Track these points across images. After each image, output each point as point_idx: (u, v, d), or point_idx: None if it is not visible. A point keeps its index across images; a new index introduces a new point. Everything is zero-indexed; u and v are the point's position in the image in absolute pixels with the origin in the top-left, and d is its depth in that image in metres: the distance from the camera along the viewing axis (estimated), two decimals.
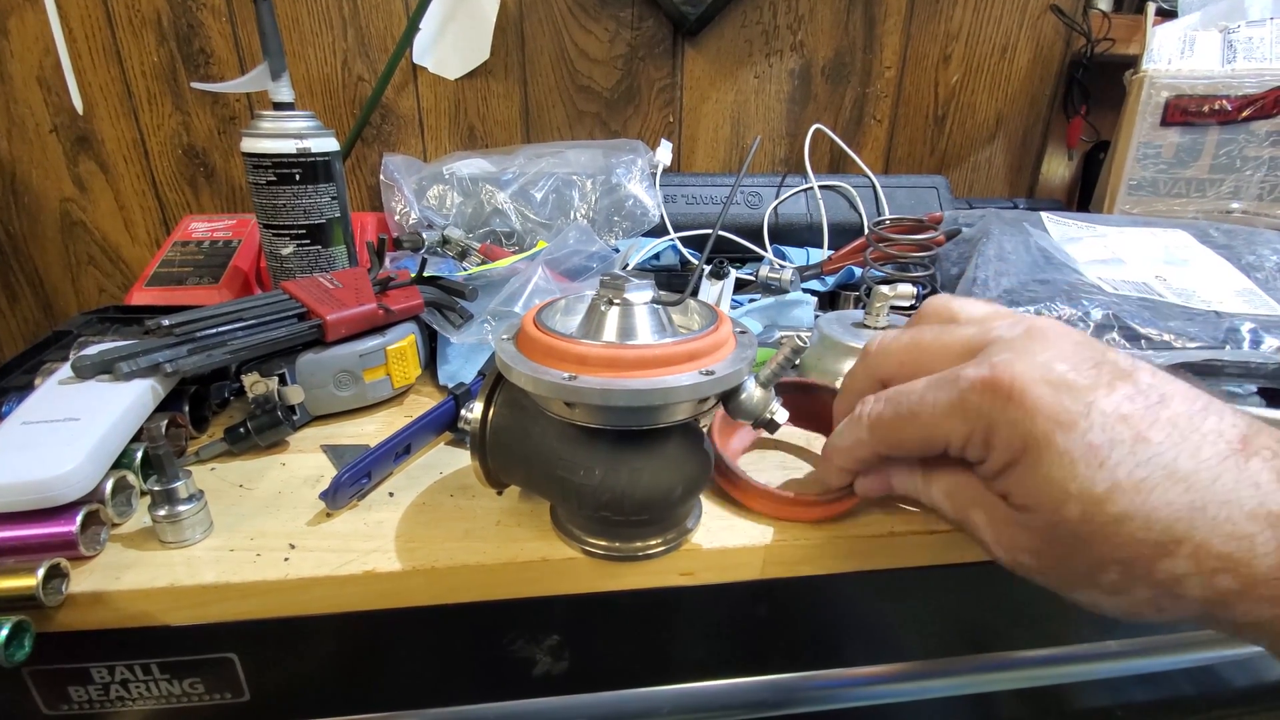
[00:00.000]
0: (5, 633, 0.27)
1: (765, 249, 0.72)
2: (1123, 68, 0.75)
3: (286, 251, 0.52)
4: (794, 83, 0.83)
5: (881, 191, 0.77)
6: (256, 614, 0.32)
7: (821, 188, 0.77)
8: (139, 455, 0.36)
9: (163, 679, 0.34)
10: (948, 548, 0.36)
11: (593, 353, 0.28)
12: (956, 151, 0.89)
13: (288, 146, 0.49)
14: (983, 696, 0.45)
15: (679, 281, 0.65)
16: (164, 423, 0.37)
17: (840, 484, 0.33)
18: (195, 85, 0.61)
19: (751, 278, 0.63)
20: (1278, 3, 0.69)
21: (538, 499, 0.37)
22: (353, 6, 0.73)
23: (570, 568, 0.33)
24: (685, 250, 0.71)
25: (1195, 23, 0.70)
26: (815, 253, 0.72)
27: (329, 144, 0.51)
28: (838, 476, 0.33)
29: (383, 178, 0.72)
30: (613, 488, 0.29)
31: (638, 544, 0.33)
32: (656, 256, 0.70)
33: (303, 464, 0.40)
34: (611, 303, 0.30)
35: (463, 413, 0.38)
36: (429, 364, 0.52)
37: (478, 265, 0.63)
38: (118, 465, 0.34)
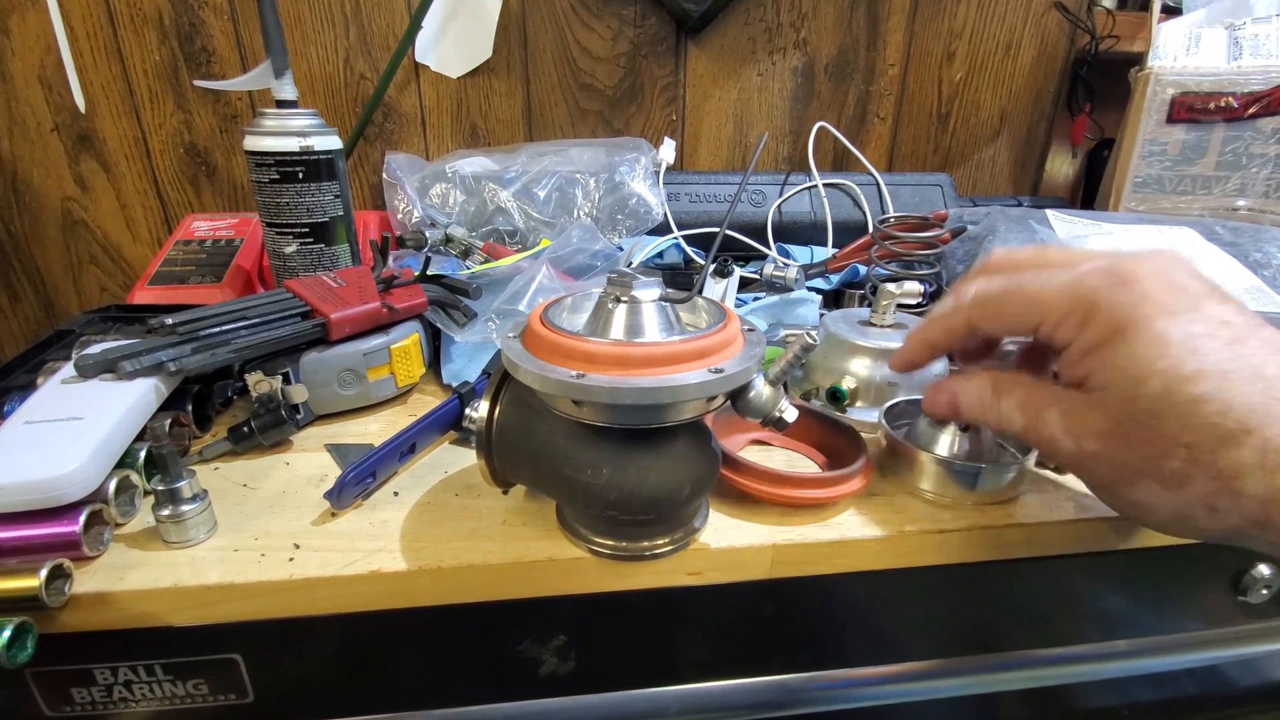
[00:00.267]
0: (7, 634, 0.27)
1: (769, 247, 0.72)
2: (1127, 65, 0.74)
3: (290, 250, 0.52)
4: (797, 80, 0.82)
5: (885, 189, 0.77)
6: (261, 614, 0.31)
7: (825, 186, 0.76)
8: (142, 455, 0.36)
9: (166, 680, 0.33)
10: (954, 547, 0.36)
11: (601, 350, 0.27)
12: (960, 149, 0.89)
13: (291, 144, 0.49)
14: (988, 697, 0.45)
15: (683, 280, 0.65)
16: (167, 422, 0.37)
17: (919, 359, 0.34)
18: (198, 83, 0.61)
19: (756, 276, 0.63)
20: None
21: (544, 498, 0.37)
22: (355, 5, 0.72)
23: (577, 567, 0.33)
24: (689, 248, 0.71)
25: (1201, 19, 0.70)
26: (819, 251, 0.72)
27: (332, 142, 0.51)
28: (920, 349, 0.34)
29: (385, 176, 0.72)
30: (620, 486, 0.29)
31: (645, 543, 0.32)
32: (660, 255, 0.70)
33: (307, 463, 0.40)
34: (619, 300, 0.30)
35: (468, 411, 0.38)
36: (433, 363, 0.52)
37: (481, 264, 0.63)
38: (121, 465, 0.34)
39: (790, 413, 0.30)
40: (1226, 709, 0.51)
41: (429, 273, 0.51)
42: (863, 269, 0.63)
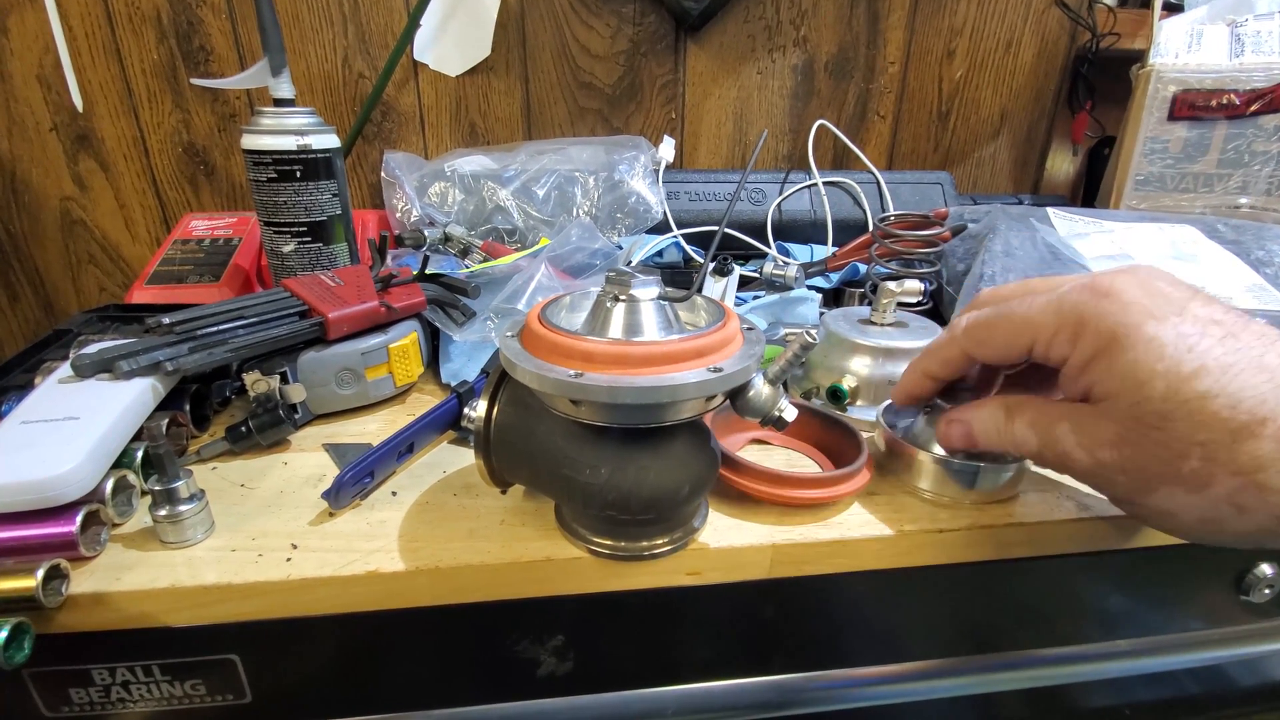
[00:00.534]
0: (4, 635, 0.27)
1: (769, 246, 0.72)
2: (1128, 62, 0.74)
3: (288, 249, 0.52)
4: (797, 78, 0.82)
5: (886, 188, 0.77)
6: (258, 615, 0.31)
7: (825, 184, 0.76)
8: (140, 454, 0.36)
9: (164, 680, 0.33)
10: (954, 547, 0.36)
11: (599, 349, 0.27)
12: (961, 147, 0.88)
13: (288, 143, 0.49)
14: (988, 697, 0.45)
15: (682, 278, 0.65)
16: (165, 422, 0.37)
17: (920, 391, 0.35)
18: (195, 81, 0.61)
19: (755, 275, 0.63)
20: None
21: (542, 498, 0.37)
22: (353, 3, 0.72)
23: (575, 567, 0.33)
24: (688, 247, 0.70)
25: (1202, 16, 0.70)
26: (819, 249, 0.72)
27: (330, 140, 0.51)
28: (920, 380, 0.34)
29: (384, 175, 0.72)
30: (619, 486, 0.29)
31: (644, 543, 0.32)
32: (659, 253, 0.70)
33: (305, 463, 0.40)
34: (618, 299, 0.30)
35: (466, 411, 0.38)
36: (431, 362, 0.52)
37: (480, 263, 0.63)
38: (118, 465, 0.34)
39: (790, 412, 0.30)
40: (1228, 709, 0.51)
41: (427, 272, 0.51)
42: (863, 267, 0.63)
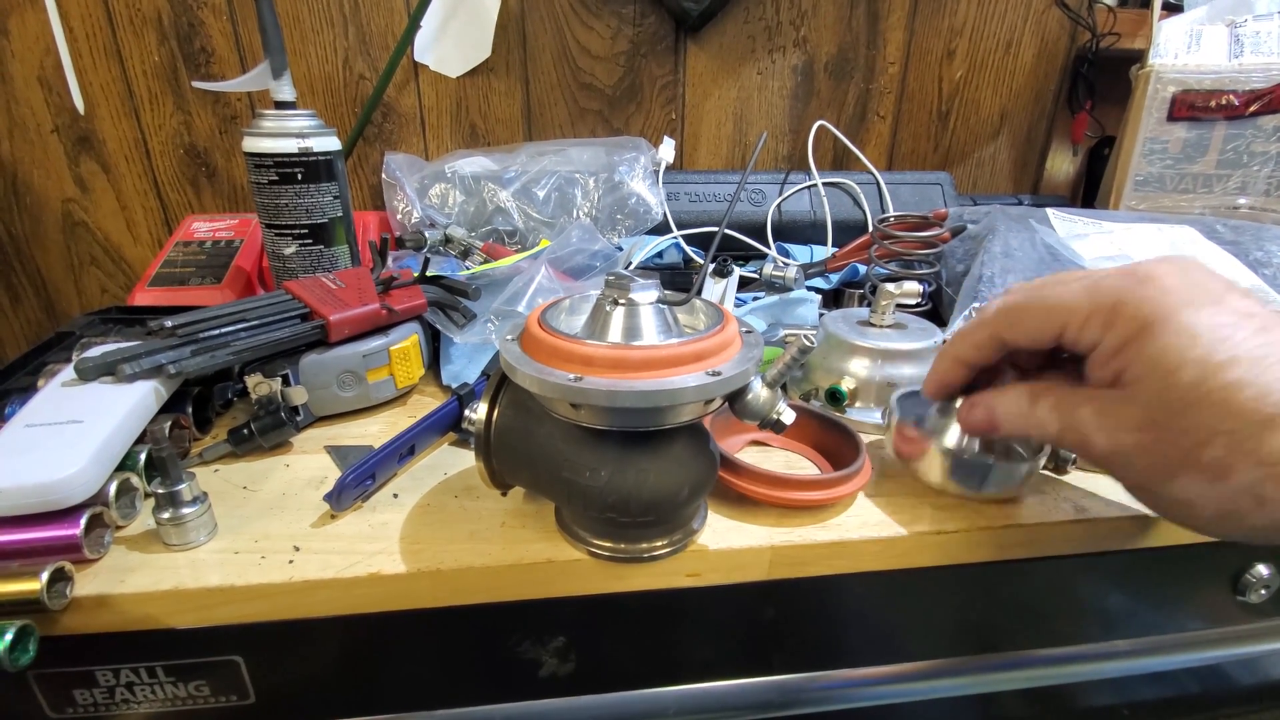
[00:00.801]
0: (9, 637, 0.27)
1: (769, 246, 0.72)
2: (1128, 63, 0.74)
3: (289, 251, 0.52)
4: (797, 79, 0.82)
5: (885, 188, 0.77)
6: (261, 617, 0.32)
7: (825, 185, 0.76)
8: (143, 457, 0.36)
9: (168, 681, 0.34)
10: (953, 548, 0.36)
11: (598, 354, 0.27)
12: (961, 148, 0.88)
13: (289, 146, 0.49)
14: (989, 696, 0.45)
15: (682, 279, 0.65)
16: (168, 424, 0.37)
17: (953, 379, 0.34)
18: (196, 84, 0.61)
19: (755, 275, 0.63)
20: None
21: (543, 500, 0.37)
22: (353, 4, 0.72)
23: (576, 569, 0.33)
24: (689, 248, 0.71)
25: (1202, 17, 0.70)
26: (819, 250, 0.72)
27: (331, 143, 0.51)
28: (951, 367, 0.34)
29: (385, 176, 0.72)
30: (619, 489, 0.29)
31: (644, 545, 0.32)
32: (660, 254, 0.70)
33: (307, 465, 0.40)
34: (617, 303, 0.30)
35: (467, 413, 0.38)
36: (432, 364, 0.52)
37: (480, 264, 0.63)
38: (121, 467, 0.34)
39: (788, 415, 0.31)
40: (1228, 707, 0.51)
41: (428, 274, 0.51)
42: (862, 268, 0.63)
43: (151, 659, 0.33)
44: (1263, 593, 0.43)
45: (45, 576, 0.28)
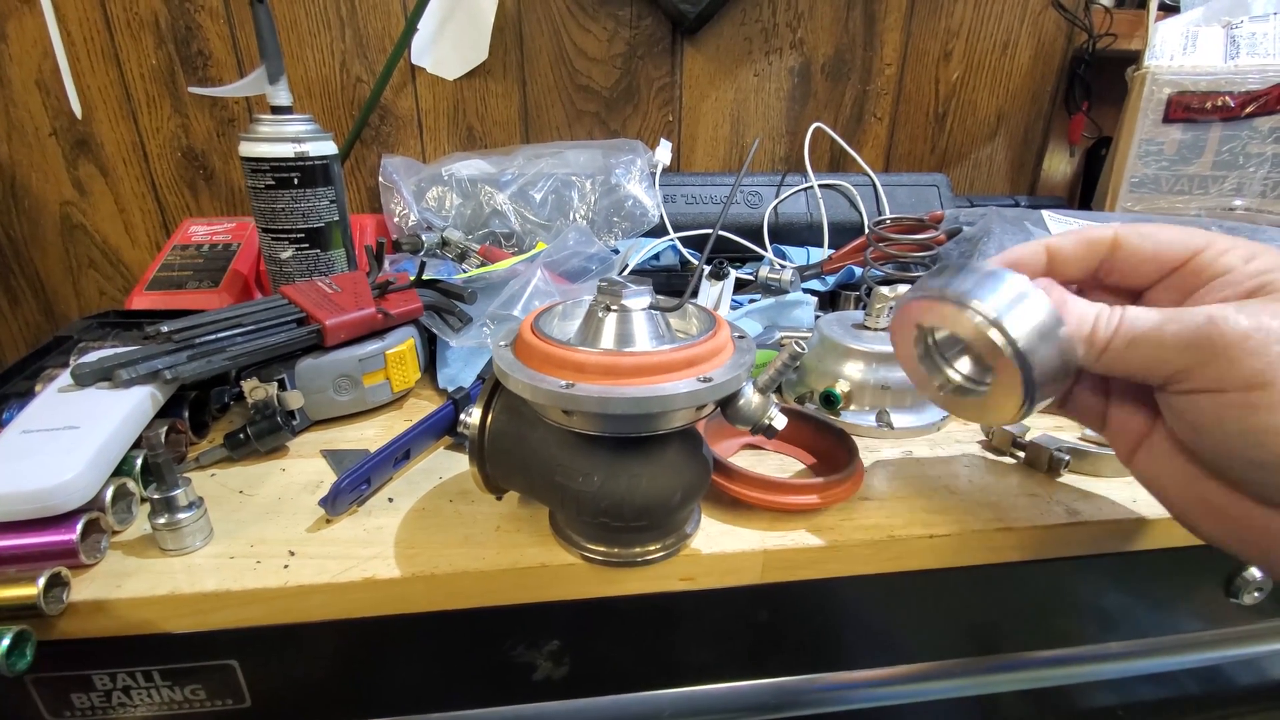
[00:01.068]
0: (6, 643, 0.27)
1: (765, 249, 0.72)
2: (1125, 63, 0.74)
3: (285, 255, 0.52)
4: (794, 81, 0.82)
5: (882, 190, 0.77)
6: (257, 621, 0.32)
7: (821, 186, 0.76)
8: (139, 462, 0.36)
9: (164, 685, 0.34)
10: (945, 552, 0.36)
11: (590, 360, 0.28)
12: (957, 149, 0.89)
13: (286, 150, 0.49)
14: (987, 698, 0.45)
15: (679, 281, 0.65)
16: (164, 430, 0.37)
17: (1032, 259, 0.29)
18: (193, 90, 0.61)
19: (751, 278, 0.63)
20: None
21: (537, 504, 0.37)
22: (350, 7, 0.72)
23: (570, 573, 0.33)
24: (685, 250, 0.71)
25: (1198, 18, 0.70)
26: (815, 252, 0.72)
27: (327, 147, 0.51)
28: (1037, 252, 0.30)
29: (382, 179, 0.72)
30: (612, 494, 0.29)
31: (637, 549, 0.33)
32: (656, 257, 0.70)
33: (303, 469, 0.40)
34: (609, 309, 0.30)
35: (462, 418, 0.38)
36: (428, 367, 0.52)
37: (477, 267, 0.63)
38: (118, 472, 0.34)
39: (779, 420, 0.31)
40: (1228, 707, 0.51)
41: (424, 277, 0.51)
42: (859, 270, 0.63)
43: (148, 663, 0.33)
44: (1255, 594, 0.43)
45: (42, 582, 0.28)
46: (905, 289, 0.46)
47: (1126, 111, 0.72)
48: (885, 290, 0.46)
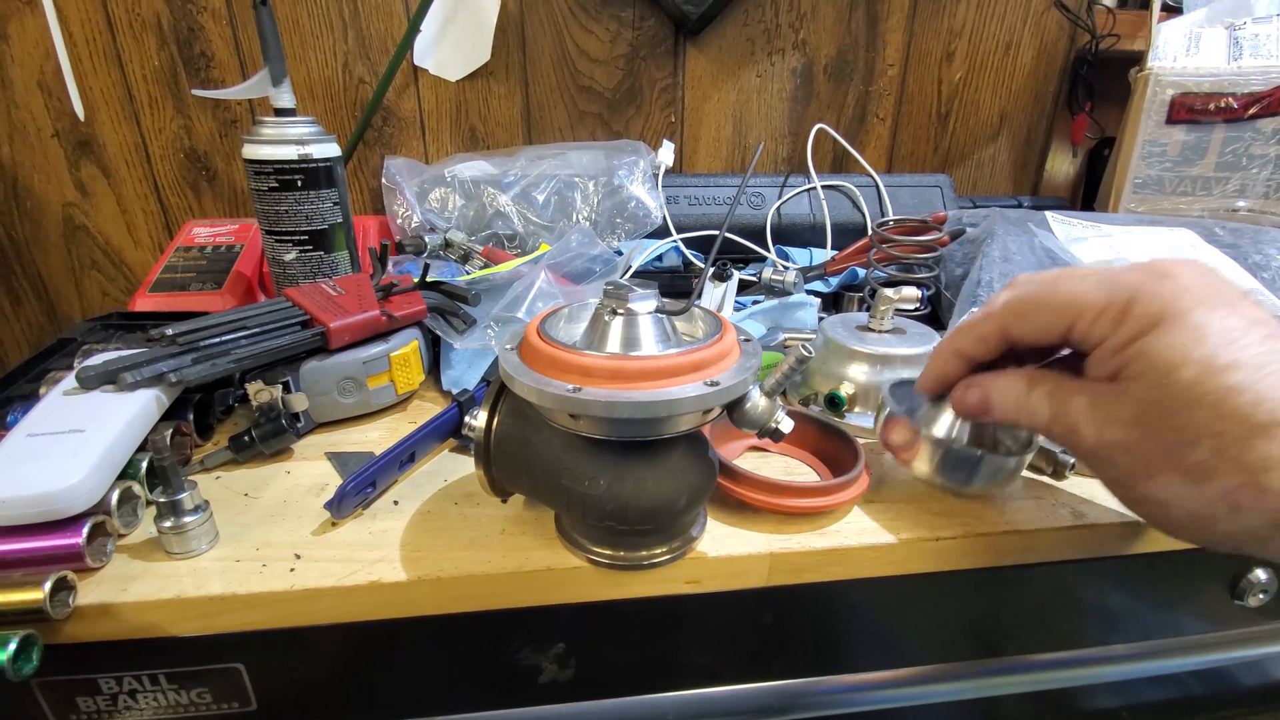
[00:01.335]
0: (13, 647, 0.27)
1: (768, 250, 0.72)
2: (1128, 64, 0.74)
3: (289, 257, 0.52)
4: (796, 81, 0.82)
5: (885, 191, 0.77)
6: (263, 625, 0.32)
7: (824, 187, 0.76)
8: (144, 465, 0.36)
9: (170, 689, 0.34)
10: (951, 555, 0.36)
11: (597, 364, 0.28)
12: (960, 150, 0.88)
13: (289, 152, 0.49)
14: (990, 700, 0.45)
15: (682, 283, 0.65)
16: (169, 432, 0.37)
17: (951, 372, 0.33)
18: (196, 92, 0.61)
19: (754, 279, 0.63)
20: None
21: (542, 507, 0.37)
22: (353, 8, 0.72)
23: (575, 576, 0.33)
24: (688, 251, 0.71)
25: (1201, 19, 0.70)
26: (818, 253, 0.72)
27: (330, 149, 0.51)
28: (950, 360, 0.33)
29: (384, 181, 0.72)
30: (617, 497, 0.29)
31: (643, 553, 0.33)
32: (659, 258, 0.70)
33: (308, 472, 0.40)
34: (615, 312, 0.30)
35: (467, 420, 0.38)
36: (432, 369, 0.52)
37: (480, 269, 0.63)
38: (123, 476, 0.35)
39: (786, 424, 0.31)
40: (1232, 709, 0.51)
41: (428, 279, 0.51)
42: (862, 271, 0.63)
43: (154, 667, 0.33)
44: (1261, 596, 0.43)
45: (48, 586, 0.28)
46: (910, 290, 0.46)
47: (1130, 112, 0.72)
48: (889, 292, 0.46)
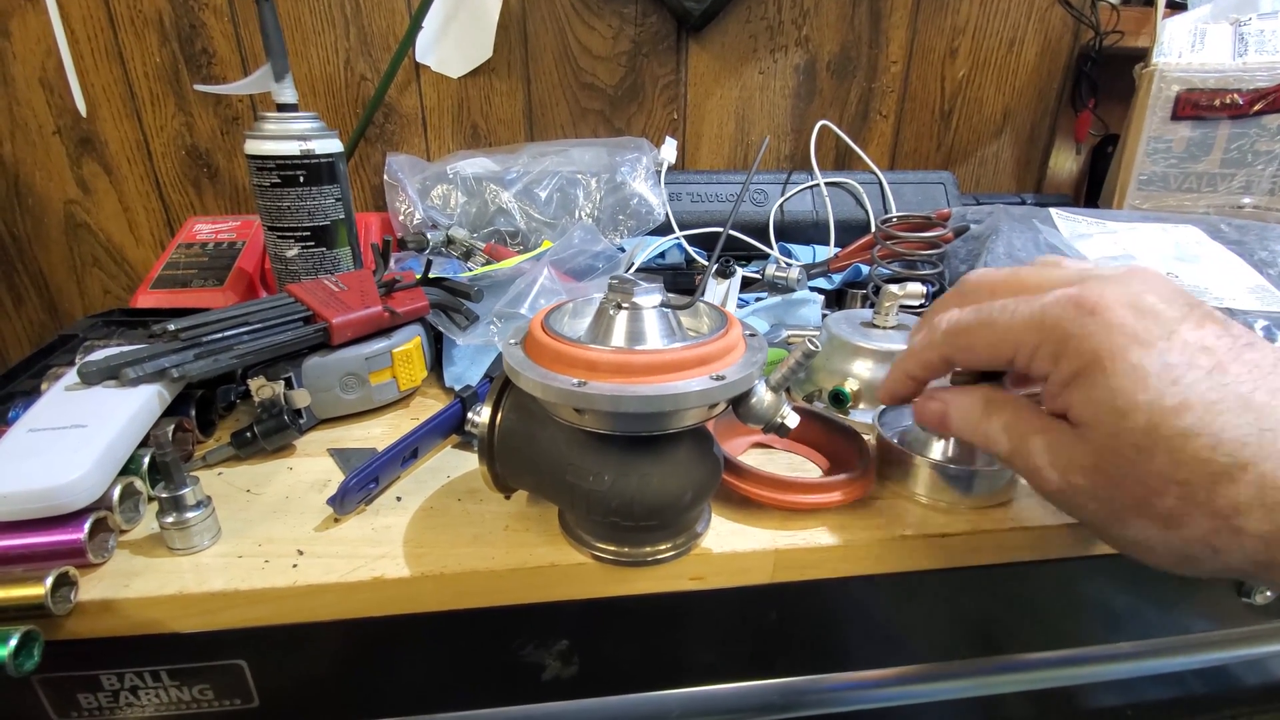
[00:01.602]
0: (14, 643, 0.27)
1: (771, 247, 0.72)
2: (1132, 60, 0.74)
3: (291, 254, 0.52)
4: (799, 78, 0.82)
5: (888, 188, 0.77)
6: (265, 621, 0.32)
7: (827, 184, 0.76)
8: (146, 461, 0.36)
9: (172, 685, 0.34)
10: (956, 551, 0.36)
11: (602, 358, 0.27)
12: (963, 147, 0.88)
13: (291, 148, 0.49)
14: (993, 698, 0.45)
15: (685, 280, 0.65)
16: (171, 429, 0.37)
17: (905, 391, 0.34)
18: (198, 87, 0.61)
19: (758, 276, 0.63)
20: None
21: (546, 503, 0.37)
22: (355, 5, 0.72)
23: (579, 573, 0.33)
24: (691, 248, 0.70)
25: (1206, 15, 0.69)
26: (822, 250, 0.72)
27: (333, 145, 0.51)
28: (902, 382, 0.33)
29: (386, 178, 0.72)
30: (622, 493, 0.29)
31: (647, 549, 0.32)
32: (662, 255, 0.70)
33: (310, 468, 0.40)
34: (620, 306, 0.30)
35: (470, 416, 0.38)
36: (435, 365, 0.52)
37: (483, 265, 0.63)
38: (125, 471, 0.34)
39: (792, 419, 0.30)
40: (1235, 707, 0.51)
41: (430, 275, 0.51)
42: (865, 268, 0.63)
43: (155, 663, 0.33)
44: (1268, 594, 0.43)
45: (49, 581, 0.28)
46: (915, 286, 0.45)
47: (1134, 109, 0.71)
48: (893, 288, 0.46)
